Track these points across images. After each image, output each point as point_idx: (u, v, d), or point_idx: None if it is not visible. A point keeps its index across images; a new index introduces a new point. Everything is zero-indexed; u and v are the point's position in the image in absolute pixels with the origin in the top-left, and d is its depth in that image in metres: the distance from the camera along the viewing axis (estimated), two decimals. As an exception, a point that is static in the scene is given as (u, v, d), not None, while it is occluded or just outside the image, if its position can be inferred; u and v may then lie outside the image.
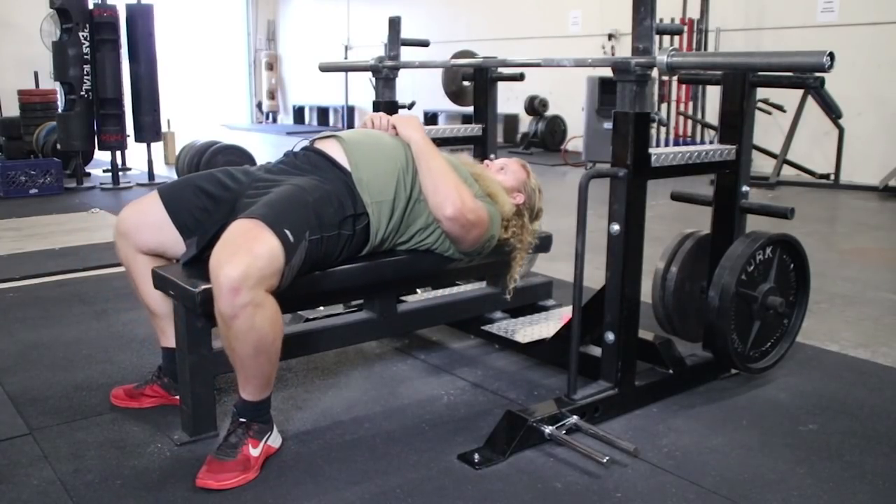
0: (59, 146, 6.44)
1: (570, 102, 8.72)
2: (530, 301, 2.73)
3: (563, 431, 1.93)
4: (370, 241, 2.04)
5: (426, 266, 2.20)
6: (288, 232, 1.76)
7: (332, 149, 2.09)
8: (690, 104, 8.01)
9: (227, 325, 1.69)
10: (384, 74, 2.93)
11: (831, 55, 1.68)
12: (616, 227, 2.03)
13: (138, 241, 2.06)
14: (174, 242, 2.04)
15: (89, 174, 7.10)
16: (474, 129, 3.01)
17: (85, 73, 6.09)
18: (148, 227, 2.04)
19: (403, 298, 2.64)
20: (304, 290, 1.96)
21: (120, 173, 6.66)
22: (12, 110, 8.08)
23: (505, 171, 2.35)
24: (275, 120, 15.08)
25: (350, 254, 2.02)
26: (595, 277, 2.37)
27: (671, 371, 2.25)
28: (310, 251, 1.86)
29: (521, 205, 2.31)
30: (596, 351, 2.19)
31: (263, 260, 1.69)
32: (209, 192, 2.04)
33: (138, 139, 6.66)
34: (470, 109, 3.06)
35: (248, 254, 1.67)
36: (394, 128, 2.19)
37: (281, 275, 1.75)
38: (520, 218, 2.30)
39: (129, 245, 2.07)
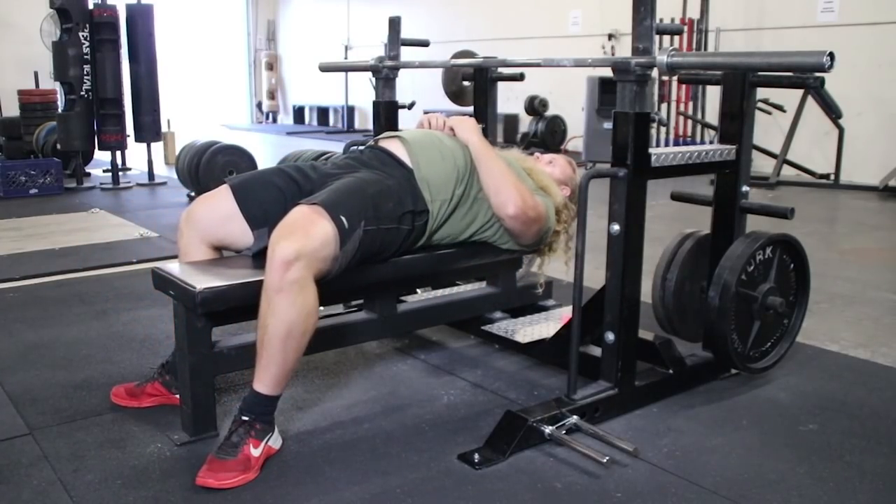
0: (59, 146, 6.44)
1: (570, 102, 8.72)
2: (530, 301, 2.73)
3: (563, 431, 1.93)
4: (427, 236, 2.12)
5: (426, 266, 2.21)
6: (343, 219, 1.85)
7: (395, 147, 2.19)
8: (690, 104, 8.01)
9: (270, 300, 1.74)
10: (384, 74, 2.93)
11: (831, 55, 1.68)
12: (616, 227, 2.03)
13: (206, 230, 2.09)
14: (241, 234, 2.09)
15: (89, 174, 7.10)
16: (474, 129, 3.00)
17: (85, 73, 6.09)
18: (217, 218, 2.09)
19: (403, 298, 2.64)
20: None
21: (120, 173, 6.66)
22: (12, 110, 8.09)
23: (553, 164, 2.49)
24: (275, 120, 15.09)
25: (408, 248, 2.11)
26: (595, 277, 2.37)
27: (671, 371, 2.25)
28: (364, 241, 1.92)
29: (569, 197, 2.43)
30: (596, 351, 2.19)
31: (318, 242, 1.79)
32: (279, 185, 2.10)
33: (138, 139, 6.67)
34: (470, 109, 3.05)
35: (304, 235, 1.77)
36: (451, 129, 2.28)
37: (333, 260, 1.84)
38: (569, 210, 2.41)
39: (196, 234, 2.10)
